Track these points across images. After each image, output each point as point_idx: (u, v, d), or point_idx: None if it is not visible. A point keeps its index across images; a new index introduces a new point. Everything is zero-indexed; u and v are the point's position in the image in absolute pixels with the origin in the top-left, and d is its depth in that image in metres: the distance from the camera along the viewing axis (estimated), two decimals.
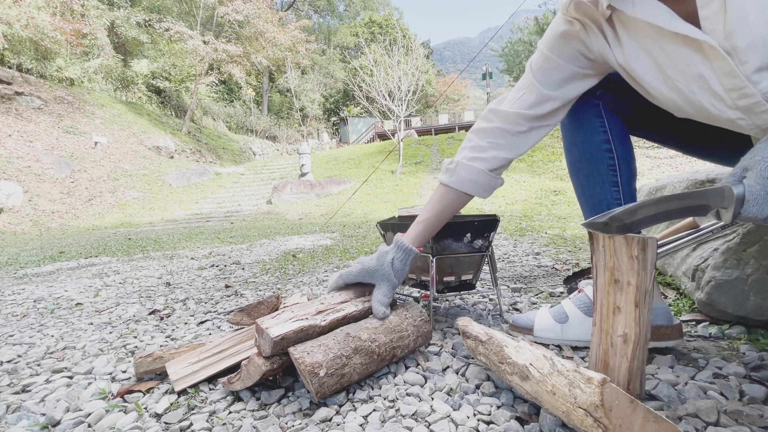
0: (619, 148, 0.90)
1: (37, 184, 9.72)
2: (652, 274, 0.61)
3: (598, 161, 0.91)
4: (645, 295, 0.60)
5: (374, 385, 0.81)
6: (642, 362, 0.62)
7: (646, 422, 0.45)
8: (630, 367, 0.61)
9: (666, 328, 0.85)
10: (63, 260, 3.43)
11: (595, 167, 0.91)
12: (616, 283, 0.62)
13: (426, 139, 17.49)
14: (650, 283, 0.61)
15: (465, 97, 47.08)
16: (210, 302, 1.66)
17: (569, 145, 0.97)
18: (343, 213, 8.62)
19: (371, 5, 44.75)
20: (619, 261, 0.62)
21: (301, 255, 2.92)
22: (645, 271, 0.60)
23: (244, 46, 19.95)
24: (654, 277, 0.61)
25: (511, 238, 3.07)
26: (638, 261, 0.59)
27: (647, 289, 0.60)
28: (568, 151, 0.98)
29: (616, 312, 0.62)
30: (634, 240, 0.59)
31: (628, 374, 0.61)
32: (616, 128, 0.90)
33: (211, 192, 12.34)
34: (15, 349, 1.16)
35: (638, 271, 0.59)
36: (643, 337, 0.61)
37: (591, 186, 0.92)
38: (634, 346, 0.61)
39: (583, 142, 0.93)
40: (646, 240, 0.59)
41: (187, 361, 0.88)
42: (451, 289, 1.16)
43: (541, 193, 8.99)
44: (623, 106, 0.90)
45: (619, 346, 0.62)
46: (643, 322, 0.61)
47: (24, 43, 13.34)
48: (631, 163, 0.91)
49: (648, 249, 0.59)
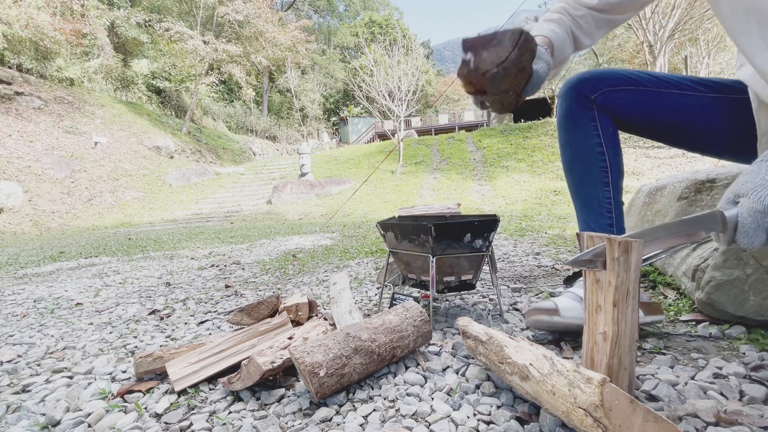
0: (610, 152, 0.97)
1: (37, 184, 9.71)
2: (635, 275, 0.61)
3: (590, 162, 0.98)
4: (626, 295, 0.61)
5: (374, 385, 0.81)
6: (625, 361, 0.62)
7: (646, 422, 0.45)
8: (609, 363, 0.62)
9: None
10: (63, 260, 3.43)
11: (588, 168, 0.98)
12: (598, 283, 0.63)
13: (426, 139, 17.49)
14: (633, 284, 0.61)
15: (465, 97, 47.05)
16: (210, 302, 1.66)
17: (564, 145, 1.03)
18: (343, 213, 8.62)
19: (371, 5, 44.75)
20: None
21: (301, 255, 2.92)
22: (626, 273, 0.60)
23: (244, 46, 19.94)
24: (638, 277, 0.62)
25: (511, 238, 3.07)
26: (618, 263, 0.60)
27: (629, 289, 0.61)
28: (562, 150, 1.04)
29: (598, 310, 0.63)
30: (615, 242, 0.60)
31: (608, 371, 0.62)
32: (607, 132, 0.97)
33: (211, 192, 12.34)
34: (15, 349, 1.16)
35: (618, 272, 0.60)
36: (625, 335, 0.61)
37: (584, 185, 1.00)
38: (612, 344, 0.61)
39: (577, 144, 0.99)
40: (630, 243, 0.59)
41: (187, 361, 0.88)
42: (451, 289, 1.16)
43: (541, 193, 8.99)
44: (620, 106, 0.96)
45: (600, 344, 0.63)
46: (624, 321, 0.61)
47: (24, 43, 13.33)
48: (620, 165, 0.99)
49: (631, 252, 0.60)
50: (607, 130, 0.97)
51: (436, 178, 11.76)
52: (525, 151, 13.03)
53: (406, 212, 1.64)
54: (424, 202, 9.47)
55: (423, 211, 1.65)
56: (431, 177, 11.99)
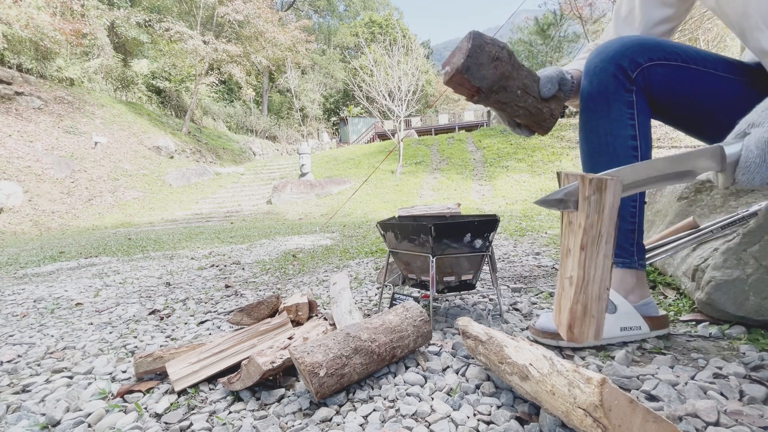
0: (643, 146, 0.83)
1: (37, 184, 9.71)
2: (609, 217, 0.55)
3: (620, 157, 0.83)
4: (596, 238, 0.56)
5: (374, 385, 0.81)
6: (593, 308, 0.57)
7: (646, 422, 0.45)
8: (573, 309, 0.57)
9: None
10: (63, 260, 3.43)
11: (615, 164, 0.81)
12: (570, 225, 0.58)
13: (426, 139, 17.49)
14: (606, 227, 0.55)
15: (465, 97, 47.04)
16: (210, 302, 1.66)
17: (588, 132, 0.88)
18: (343, 213, 8.62)
19: (371, 5, 44.74)
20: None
21: (301, 255, 2.92)
22: (598, 214, 0.55)
23: (244, 46, 19.94)
24: (617, 224, 0.56)
25: (511, 238, 3.07)
26: (590, 202, 0.55)
27: (600, 232, 0.55)
28: (585, 139, 0.89)
29: (567, 254, 0.59)
30: (587, 179, 0.55)
31: (569, 316, 0.57)
32: (643, 122, 0.82)
33: (211, 192, 12.34)
34: (15, 349, 1.16)
35: (588, 212, 0.55)
36: (593, 281, 0.56)
37: None
38: (577, 289, 0.57)
39: (607, 133, 0.84)
40: (604, 181, 0.54)
41: (187, 361, 0.88)
42: (451, 289, 1.16)
43: (541, 193, 8.98)
44: (660, 86, 0.81)
45: (566, 288, 0.58)
46: (593, 267, 0.56)
47: (24, 43, 13.32)
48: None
49: (606, 191, 0.54)
50: (644, 119, 0.82)
51: (436, 178, 11.76)
52: (525, 151, 13.04)
53: (406, 212, 1.64)
54: (424, 202, 9.47)
55: (423, 211, 1.65)
56: (431, 177, 11.99)
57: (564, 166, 11.06)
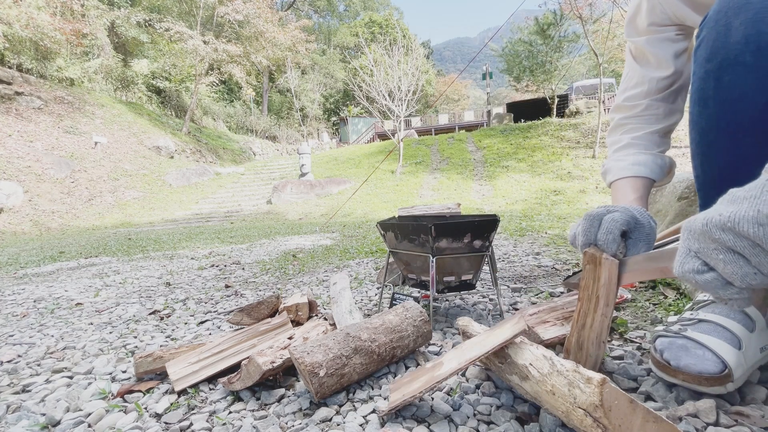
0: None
1: (37, 184, 9.71)
2: (607, 288, 0.63)
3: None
4: (592, 298, 0.66)
5: (374, 385, 0.81)
6: (590, 348, 0.67)
7: (646, 422, 0.45)
8: (569, 340, 0.70)
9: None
10: (63, 260, 3.43)
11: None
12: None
13: (426, 139, 17.49)
14: (605, 295, 0.64)
15: (465, 97, 47.15)
16: (210, 302, 1.66)
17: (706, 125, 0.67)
18: (343, 213, 8.62)
19: (371, 5, 44.77)
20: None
21: (301, 255, 2.92)
22: (593, 282, 0.65)
23: (244, 46, 19.93)
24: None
25: (511, 238, 3.07)
26: (586, 269, 0.66)
27: (597, 295, 0.65)
28: (703, 133, 0.69)
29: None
30: (586, 253, 0.65)
31: (567, 344, 0.70)
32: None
33: (211, 192, 12.34)
34: (15, 349, 1.16)
35: (585, 276, 0.66)
36: (589, 329, 0.66)
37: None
38: (574, 324, 0.69)
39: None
40: (597, 257, 0.63)
41: (187, 361, 0.88)
42: (451, 289, 1.16)
43: (541, 193, 8.99)
44: None
45: (573, 319, 0.71)
46: (589, 317, 0.67)
47: (24, 43, 13.31)
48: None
49: (600, 266, 0.63)
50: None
51: (436, 178, 11.76)
52: (525, 151, 13.04)
53: (406, 212, 1.64)
54: (424, 202, 9.47)
55: (423, 211, 1.65)
56: (431, 177, 11.99)
57: (564, 166, 11.06)
